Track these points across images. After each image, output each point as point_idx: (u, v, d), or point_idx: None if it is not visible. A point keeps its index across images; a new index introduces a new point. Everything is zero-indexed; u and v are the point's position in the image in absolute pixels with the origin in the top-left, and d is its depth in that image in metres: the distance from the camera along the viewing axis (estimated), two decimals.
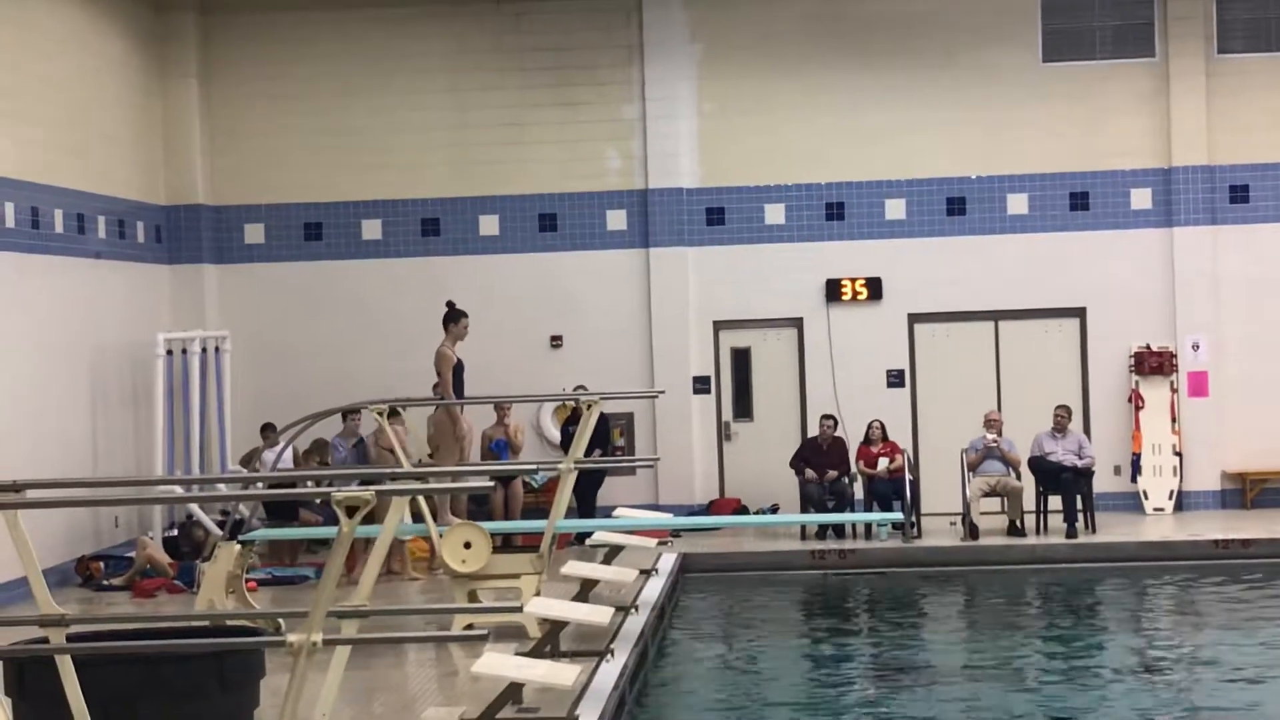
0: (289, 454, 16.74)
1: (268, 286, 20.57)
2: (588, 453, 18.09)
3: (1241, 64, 20.03)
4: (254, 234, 20.65)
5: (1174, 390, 19.96)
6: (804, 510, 18.82)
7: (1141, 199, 20.12)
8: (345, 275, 20.58)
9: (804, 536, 18.57)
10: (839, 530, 18.48)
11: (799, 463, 18.99)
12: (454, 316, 14.99)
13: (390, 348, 20.25)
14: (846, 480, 18.87)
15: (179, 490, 15.49)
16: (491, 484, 11.19)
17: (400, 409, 15.21)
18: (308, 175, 20.57)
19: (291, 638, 7.31)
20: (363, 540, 13.50)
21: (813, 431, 19.54)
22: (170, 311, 19.99)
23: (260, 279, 20.59)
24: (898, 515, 17.55)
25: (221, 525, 15.16)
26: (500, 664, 9.90)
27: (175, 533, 18.12)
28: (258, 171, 20.56)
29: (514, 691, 10.11)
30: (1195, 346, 20.03)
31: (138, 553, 16.69)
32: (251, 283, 20.57)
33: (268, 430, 18.25)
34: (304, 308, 20.54)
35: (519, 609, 11.29)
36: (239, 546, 12.81)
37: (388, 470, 13.58)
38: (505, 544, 16.52)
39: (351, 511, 7.31)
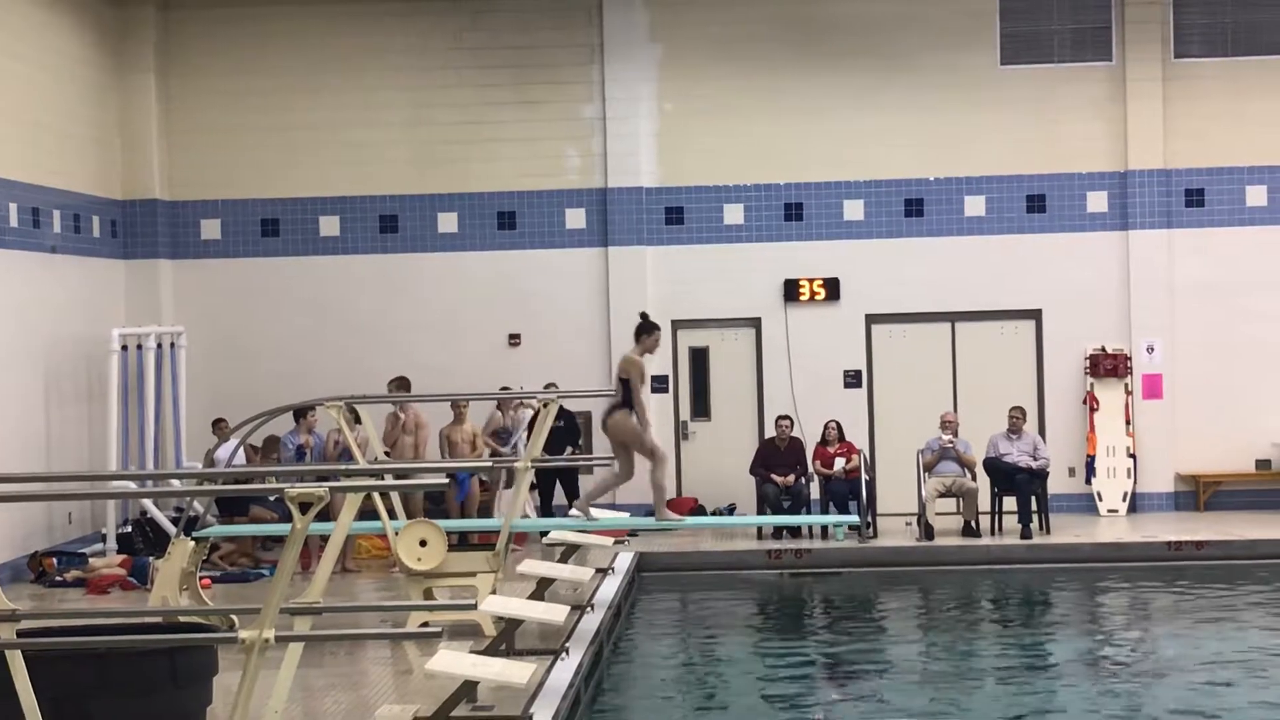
0: (242, 451, 16.66)
1: (224, 282, 20.50)
2: (559, 450, 18.19)
3: (1198, 69, 20.17)
4: (210, 229, 20.57)
5: (1128, 392, 20.08)
6: (761, 510, 18.86)
7: (1098, 202, 20.24)
8: (302, 272, 20.52)
9: (760, 536, 18.61)
10: (795, 531, 18.52)
11: (759, 469, 19.00)
12: (648, 329, 14.67)
13: (347, 345, 20.22)
14: (803, 481, 18.90)
15: (133, 486, 15.42)
16: (445, 481, 11.17)
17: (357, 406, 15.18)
18: (265, 171, 20.50)
19: (244, 634, 7.30)
20: (318, 537, 13.47)
21: (770, 432, 19.58)
22: (125, 307, 19.89)
23: (217, 275, 20.51)
24: (853, 518, 17.62)
25: (175, 522, 15.09)
26: (455, 662, 9.89)
27: (129, 529, 18.04)
28: (215, 167, 20.48)
29: (468, 689, 10.09)
30: (1150, 349, 20.16)
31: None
32: (208, 278, 20.49)
33: (219, 424, 18.19)
34: (260, 304, 20.48)
35: (474, 606, 11.27)
36: (193, 543, 12.74)
37: (342, 467, 13.54)
38: (461, 542, 16.53)
39: (305, 508, 7.29)
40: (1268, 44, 20.14)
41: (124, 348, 18.43)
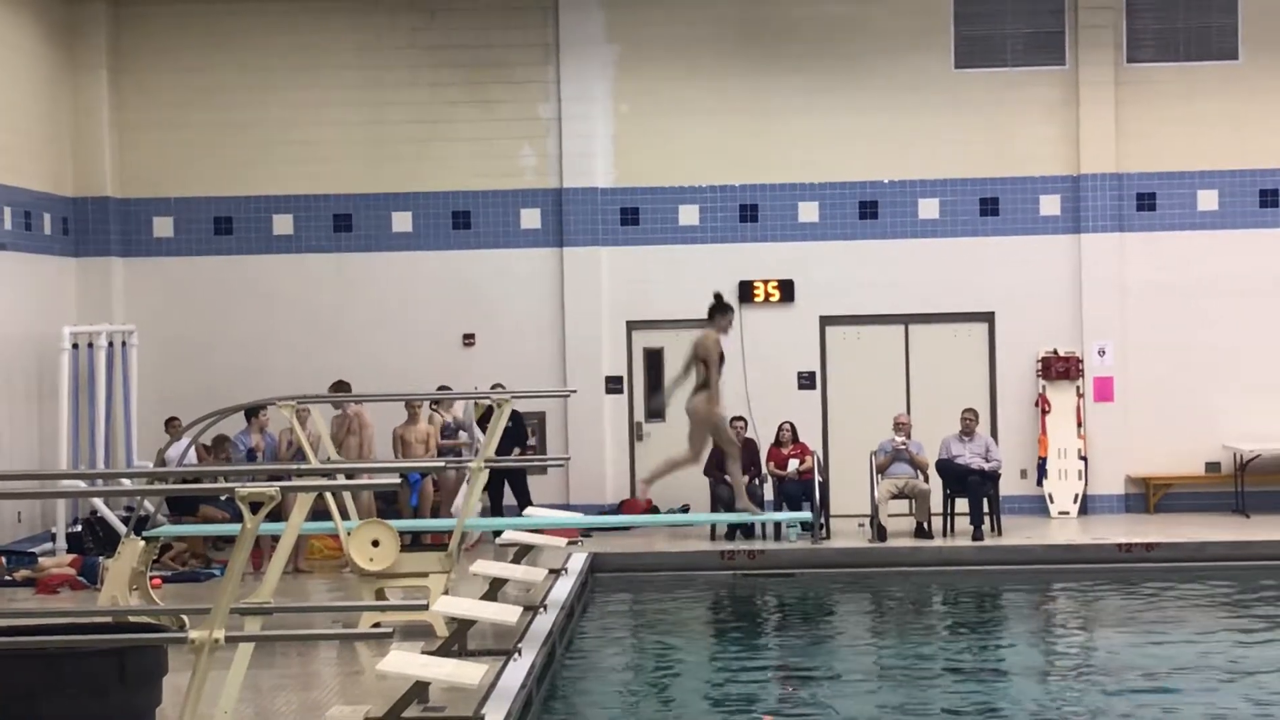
0: (194, 450, 16.59)
1: (176, 281, 20.40)
2: (507, 451, 18.16)
3: (1150, 73, 20.30)
4: (163, 227, 20.46)
5: (1080, 395, 20.19)
6: (714, 511, 18.87)
7: (1050, 205, 20.35)
8: (255, 270, 20.44)
9: (714, 537, 18.63)
10: (748, 531, 18.54)
11: (714, 471, 19.00)
12: (722, 309, 14.54)
13: (300, 344, 20.16)
14: (757, 481, 18.93)
15: (83, 485, 15.32)
16: (398, 481, 11.14)
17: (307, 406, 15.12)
18: (218, 169, 20.40)
19: (194, 634, 7.27)
20: (270, 537, 13.41)
21: None
22: (77, 305, 19.76)
23: (169, 273, 20.41)
24: (806, 515, 17.64)
25: (126, 521, 15.01)
26: (406, 662, 9.87)
27: (79, 528, 17.92)
28: (167, 164, 20.38)
29: (420, 690, 10.07)
30: (1101, 352, 20.27)
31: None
32: (160, 277, 20.39)
33: (171, 424, 18.10)
34: (213, 303, 20.38)
35: (426, 607, 11.25)
36: (143, 543, 12.67)
37: (293, 466, 13.48)
38: (414, 542, 16.50)
39: (256, 507, 7.27)
40: (1219, 49, 20.28)
41: (75, 346, 18.31)
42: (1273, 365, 20.12)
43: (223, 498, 16.45)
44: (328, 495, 13.42)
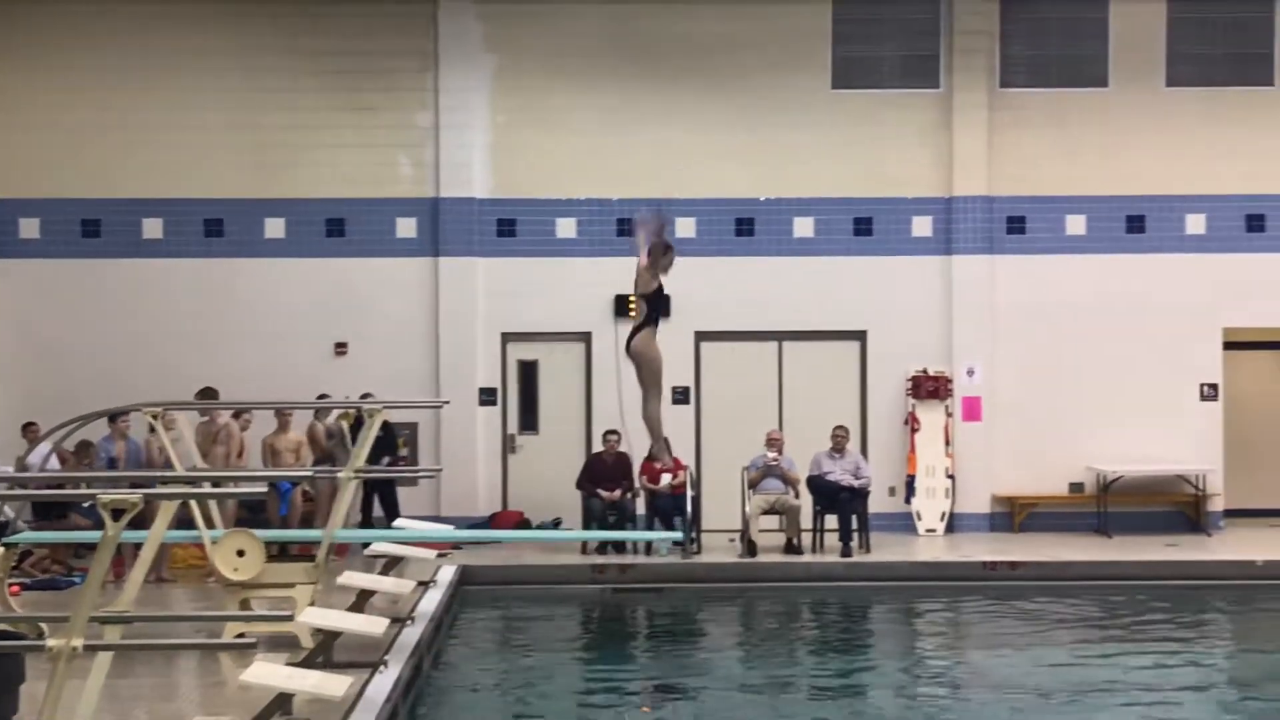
0: (55, 455, 16.30)
1: (42, 283, 20.04)
2: (376, 461, 18.00)
3: (1022, 99, 20.62)
4: (29, 228, 20.10)
5: (949, 414, 20.44)
6: (586, 525, 18.87)
7: (923, 226, 20.59)
8: (123, 274, 20.14)
9: (585, 551, 18.61)
10: (620, 545, 18.55)
11: (587, 484, 19.01)
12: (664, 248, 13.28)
13: (168, 350, 19.89)
14: (629, 496, 18.95)
15: None
16: (264, 490, 11.01)
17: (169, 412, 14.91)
18: (87, 170, 20.09)
19: (51, 643, 7.13)
20: (134, 545, 13.17)
21: (597, 446, 19.60)
22: None
23: (35, 275, 20.04)
24: (677, 534, 17.72)
25: None
26: (270, 673, 9.74)
27: None
28: (35, 165, 20.03)
29: (283, 702, 9.95)
30: (970, 372, 20.54)
31: None
32: (25, 279, 20.02)
33: (29, 429, 17.75)
34: (79, 306, 20.05)
35: (291, 618, 11.11)
36: (2, 549, 12.39)
37: (157, 474, 13.28)
38: (282, 553, 16.32)
39: (118, 514, 7.14)
40: (1090, 76, 20.66)
41: None
42: (1137, 388, 20.50)
43: (85, 504, 16.16)
44: (192, 503, 13.22)
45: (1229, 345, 20.75)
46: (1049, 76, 20.67)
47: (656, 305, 12.77)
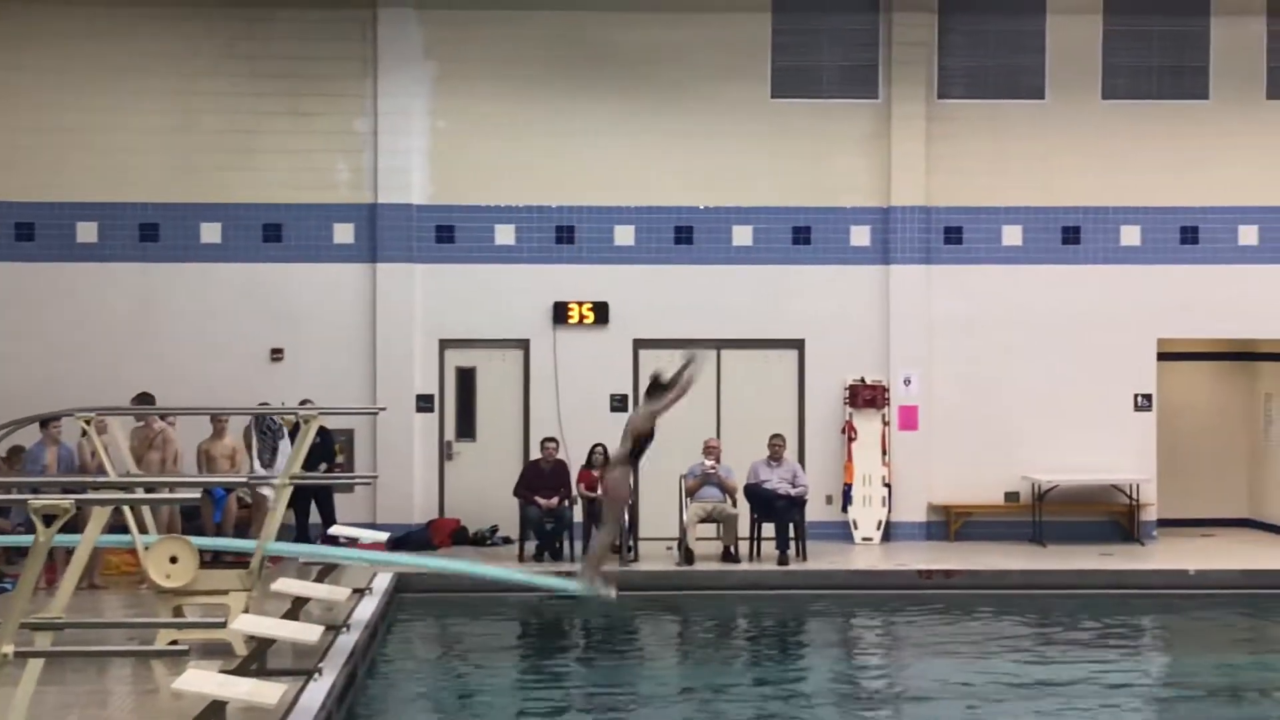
0: None
1: None
2: (312, 467, 17.90)
3: (960, 109, 20.74)
4: None
5: (885, 423, 20.52)
6: (523, 533, 18.86)
7: (861, 236, 20.67)
8: (57, 278, 19.95)
9: (522, 559, 18.57)
10: (557, 553, 18.51)
11: (524, 492, 18.97)
12: (660, 387, 13.32)
13: (102, 355, 19.72)
14: (567, 504, 18.92)
15: None
16: (197, 495, 10.92)
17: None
18: (21, 173, 19.90)
19: None
20: (65, 551, 13.04)
21: (535, 454, 19.56)
22: None
23: None
24: (575, 586, 17.75)
25: None
26: (202, 681, 9.67)
27: None
28: None
29: (216, 709, 9.88)
30: (907, 381, 20.64)
31: None
32: None
33: None
34: (12, 310, 19.86)
35: (223, 624, 11.03)
36: None
37: (90, 479, 13.15)
38: (216, 560, 16.19)
39: (49, 520, 7.07)
40: (1027, 88, 20.81)
41: None
42: (1071, 398, 20.65)
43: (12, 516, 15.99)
44: (125, 509, 13.10)
45: (1163, 356, 20.93)
46: (987, 88, 20.80)
47: (644, 446, 13.24)
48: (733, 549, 18.63)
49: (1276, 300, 20.82)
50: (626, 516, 14.08)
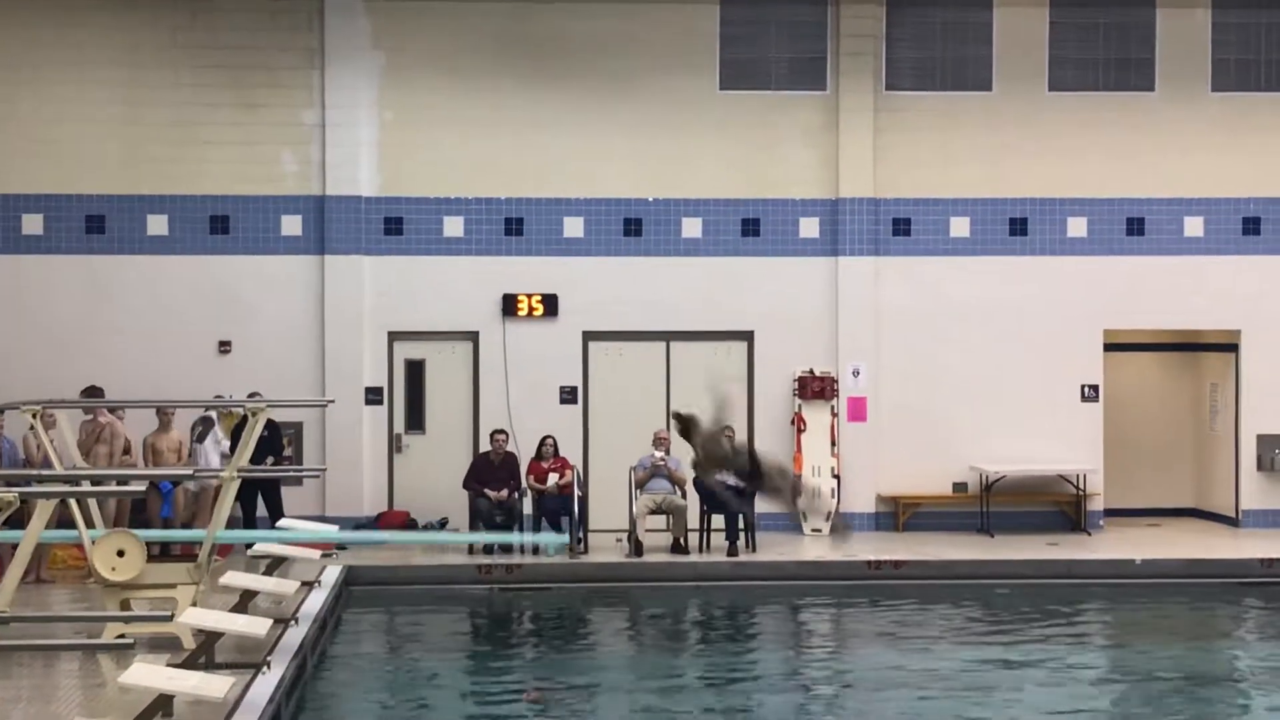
0: None
1: None
2: (260, 460, 17.82)
3: (908, 101, 20.80)
4: None
5: (834, 414, 20.57)
6: (473, 525, 18.80)
7: (810, 228, 20.72)
8: (2, 271, 19.79)
9: (471, 551, 18.53)
10: (507, 546, 18.49)
11: (473, 484, 18.94)
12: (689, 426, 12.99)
13: (47, 348, 19.58)
14: (516, 496, 18.90)
15: None
16: (143, 489, 10.87)
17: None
18: None
19: None
20: (10, 545, 12.95)
21: (485, 446, 19.53)
22: None
23: None
24: (562, 538, 17.75)
25: None
26: (150, 675, 9.63)
27: None
28: None
29: (164, 703, 9.83)
30: (855, 373, 20.70)
31: None
32: None
33: None
34: None
35: (170, 618, 10.98)
36: None
37: (34, 472, 13.07)
38: (164, 553, 16.11)
39: None
40: (974, 80, 20.88)
41: None
42: (1018, 389, 20.76)
43: None
44: (72, 503, 13.01)
45: (1109, 347, 21.07)
46: (934, 80, 20.88)
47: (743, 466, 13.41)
48: (682, 541, 18.65)
49: (1222, 291, 20.98)
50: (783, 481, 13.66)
